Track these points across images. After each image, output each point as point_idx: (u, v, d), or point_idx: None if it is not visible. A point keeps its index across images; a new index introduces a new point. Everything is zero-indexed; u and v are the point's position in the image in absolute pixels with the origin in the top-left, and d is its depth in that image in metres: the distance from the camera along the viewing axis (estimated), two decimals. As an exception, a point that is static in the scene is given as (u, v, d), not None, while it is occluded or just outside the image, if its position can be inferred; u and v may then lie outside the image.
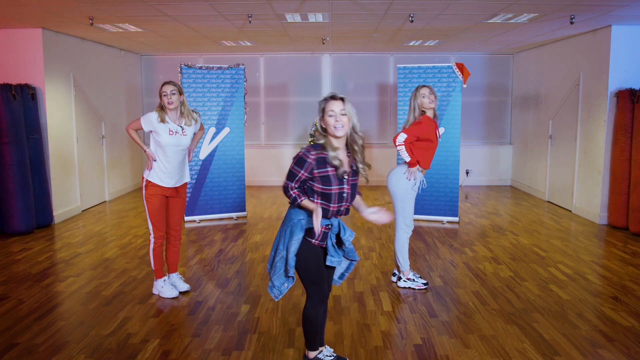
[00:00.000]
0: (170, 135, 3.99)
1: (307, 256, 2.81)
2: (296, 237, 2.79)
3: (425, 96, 4.25)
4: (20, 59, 6.55)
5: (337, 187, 2.76)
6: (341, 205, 2.82)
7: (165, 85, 3.98)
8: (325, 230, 2.84)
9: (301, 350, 3.34)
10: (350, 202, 2.87)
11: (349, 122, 2.77)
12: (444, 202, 6.75)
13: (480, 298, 4.22)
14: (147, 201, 4.08)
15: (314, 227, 2.68)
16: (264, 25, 6.55)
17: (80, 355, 3.26)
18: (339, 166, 2.73)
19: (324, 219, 2.81)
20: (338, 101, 2.76)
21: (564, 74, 7.72)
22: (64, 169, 7.05)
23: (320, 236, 2.82)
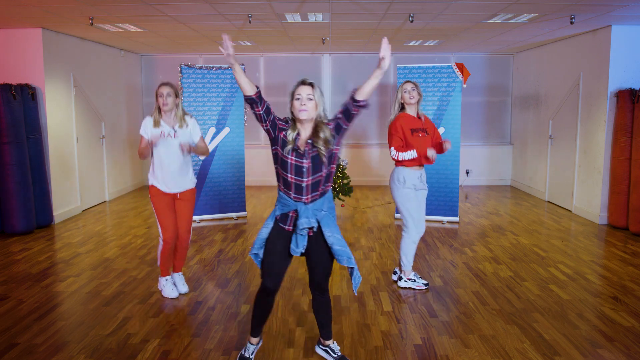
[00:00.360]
0: (161, 137, 3.98)
1: (270, 237, 2.94)
2: (266, 223, 2.97)
3: (407, 91, 4.26)
4: (20, 59, 6.55)
5: (294, 158, 2.80)
6: (301, 181, 2.81)
7: (161, 87, 3.98)
8: (293, 215, 2.87)
9: (301, 350, 3.34)
10: (312, 177, 2.81)
11: (315, 107, 2.81)
12: (444, 202, 6.75)
13: (480, 298, 4.22)
14: (152, 202, 4.11)
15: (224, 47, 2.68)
16: (264, 25, 6.55)
17: (80, 355, 3.26)
18: (287, 143, 2.81)
19: (289, 201, 2.84)
20: (307, 86, 2.82)
21: (564, 74, 7.72)
22: (64, 169, 7.05)
23: (291, 222, 2.88)
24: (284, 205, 2.89)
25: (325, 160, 2.82)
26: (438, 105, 6.68)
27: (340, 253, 2.87)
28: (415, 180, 4.28)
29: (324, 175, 2.85)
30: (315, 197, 2.86)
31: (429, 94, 6.71)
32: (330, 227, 2.89)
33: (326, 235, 2.87)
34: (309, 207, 2.83)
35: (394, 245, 5.80)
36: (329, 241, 2.87)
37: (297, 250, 2.86)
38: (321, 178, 2.85)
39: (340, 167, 6.88)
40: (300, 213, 2.82)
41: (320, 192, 2.87)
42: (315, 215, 2.85)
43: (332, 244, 2.87)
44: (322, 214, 2.88)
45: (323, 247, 2.91)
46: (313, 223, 2.83)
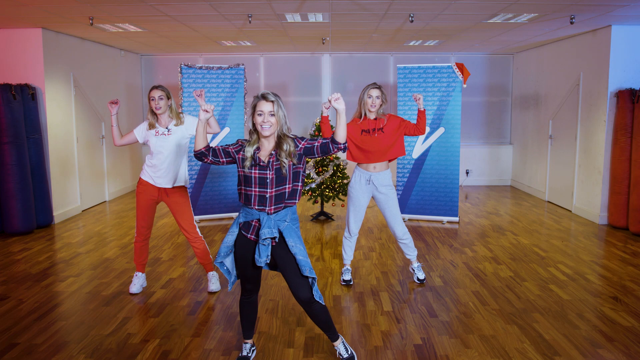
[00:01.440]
0: (156, 136, 4.10)
1: (237, 247, 2.97)
2: (230, 230, 2.98)
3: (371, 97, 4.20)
4: (20, 59, 6.55)
5: (257, 171, 2.82)
6: (264, 192, 2.82)
7: (152, 90, 4.07)
8: (256, 225, 2.88)
9: (301, 350, 3.34)
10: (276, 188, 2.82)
11: (277, 123, 2.84)
12: (444, 202, 6.75)
13: (480, 298, 4.22)
14: (136, 198, 4.22)
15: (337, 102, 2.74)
16: (264, 25, 6.55)
17: (80, 355, 3.26)
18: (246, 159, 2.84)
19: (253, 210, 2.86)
20: (269, 102, 2.81)
21: (564, 74, 7.72)
22: (64, 169, 7.05)
23: (253, 231, 2.90)
24: (247, 213, 2.90)
25: (286, 172, 2.83)
26: (438, 105, 6.68)
27: (302, 264, 2.87)
28: (362, 181, 4.32)
29: (287, 189, 2.86)
30: (278, 209, 2.87)
31: (429, 94, 6.71)
32: (293, 237, 2.89)
33: (290, 245, 2.87)
34: (272, 218, 2.85)
35: (394, 245, 5.80)
36: (293, 251, 2.87)
37: (260, 260, 2.85)
38: (284, 191, 2.85)
39: (340, 167, 6.88)
40: (263, 223, 2.83)
41: (283, 205, 2.88)
42: (278, 225, 2.87)
43: (295, 254, 2.87)
44: (284, 225, 2.89)
45: (289, 258, 2.89)
46: (275, 233, 2.84)
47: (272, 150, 2.86)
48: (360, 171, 4.33)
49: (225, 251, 2.97)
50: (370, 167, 4.30)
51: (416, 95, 4.32)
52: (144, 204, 4.18)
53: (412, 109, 6.78)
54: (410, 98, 6.77)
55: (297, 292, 2.90)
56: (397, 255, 5.41)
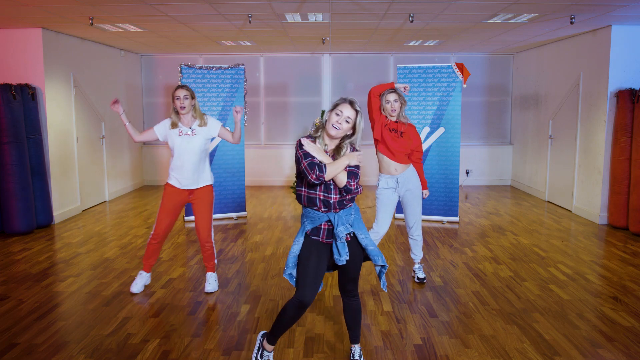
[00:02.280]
0: (180, 136, 4.08)
1: (302, 251, 2.88)
2: (296, 239, 2.91)
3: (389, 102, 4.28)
4: (20, 59, 6.55)
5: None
6: (329, 197, 2.81)
7: (178, 90, 4.07)
8: (326, 227, 2.86)
9: (301, 350, 3.34)
10: (339, 193, 2.82)
11: (347, 131, 2.82)
12: (444, 202, 6.75)
13: (480, 298, 4.22)
14: (162, 198, 4.21)
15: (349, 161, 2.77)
16: (264, 25, 6.55)
17: (80, 355, 3.26)
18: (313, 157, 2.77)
19: (319, 213, 2.83)
20: (353, 110, 2.80)
21: (564, 74, 7.72)
22: (64, 169, 7.05)
23: (324, 234, 2.86)
24: (313, 219, 2.86)
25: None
26: (438, 105, 6.68)
27: (375, 253, 2.91)
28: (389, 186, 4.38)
29: (347, 197, 2.85)
30: (342, 207, 2.86)
31: (429, 94, 6.71)
32: (362, 229, 2.92)
33: (359, 237, 2.90)
34: (341, 215, 2.84)
35: (394, 245, 5.80)
36: (363, 243, 2.89)
37: (341, 259, 2.83)
38: (345, 198, 2.85)
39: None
40: (335, 222, 2.82)
41: (345, 204, 2.87)
42: (347, 220, 2.87)
43: (367, 245, 2.90)
44: (352, 218, 2.89)
45: (355, 250, 2.91)
46: (350, 228, 2.86)
47: (331, 155, 2.84)
48: (385, 177, 4.37)
49: (293, 262, 2.91)
50: (392, 169, 4.33)
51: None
52: (168, 206, 4.15)
53: (412, 109, 6.78)
54: (411, 98, 6.78)
55: (350, 284, 2.95)
56: (397, 255, 5.41)
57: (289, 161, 9.85)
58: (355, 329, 3.08)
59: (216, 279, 4.43)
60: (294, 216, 7.26)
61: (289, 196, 8.70)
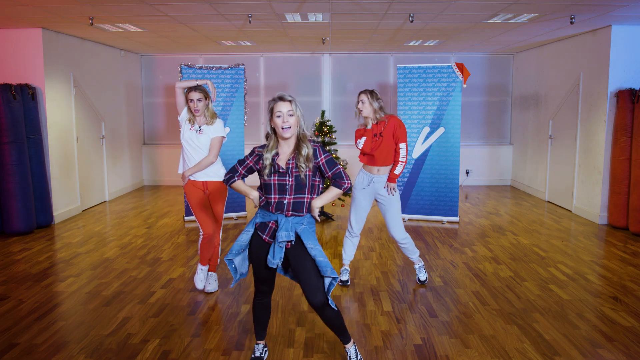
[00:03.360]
0: (190, 130, 4.18)
1: (252, 247, 2.95)
2: (246, 229, 2.97)
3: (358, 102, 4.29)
4: (20, 59, 6.55)
5: (277, 178, 2.82)
6: (283, 197, 2.82)
7: (191, 92, 4.12)
8: (272, 226, 2.88)
9: (301, 350, 3.34)
10: (295, 195, 2.82)
11: (297, 123, 2.82)
12: (444, 202, 6.75)
13: (480, 298, 4.22)
14: (187, 199, 4.29)
15: (252, 198, 2.95)
16: (264, 25, 6.55)
17: (80, 355, 3.26)
18: (265, 167, 2.84)
19: (270, 213, 2.86)
20: (286, 102, 2.80)
21: (564, 74, 7.72)
22: (64, 169, 7.05)
23: (269, 232, 2.89)
24: (264, 214, 2.91)
25: (305, 179, 2.81)
26: (438, 105, 6.68)
27: (324, 264, 2.85)
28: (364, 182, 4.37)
29: (306, 200, 2.86)
30: (295, 214, 2.86)
31: (429, 94, 6.71)
32: (311, 239, 2.88)
33: (308, 247, 2.86)
34: (290, 220, 2.84)
35: (394, 245, 5.80)
36: (312, 253, 2.85)
37: (273, 261, 2.83)
38: (303, 200, 2.85)
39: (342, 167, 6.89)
40: (280, 225, 2.82)
41: (300, 212, 2.86)
42: (295, 228, 2.86)
43: (315, 256, 2.85)
44: (302, 228, 2.88)
45: (307, 261, 2.87)
46: (292, 237, 2.83)
47: (290, 155, 2.85)
48: (363, 173, 4.37)
49: (237, 249, 2.95)
50: (374, 169, 4.32)
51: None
52: (194, 201, 4.23)
53: (412, 109, 6.78)
54: (411, 98, 6.78)
55: (311, 296, 2.85)
56: (397, 255, 5.41)
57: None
58: (341, 334, 3.04)
59: (216, 279, 4.44)
60: (294, 216, 7.25)
61: (289, 196, 8.70)
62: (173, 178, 9.82)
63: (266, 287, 3.03)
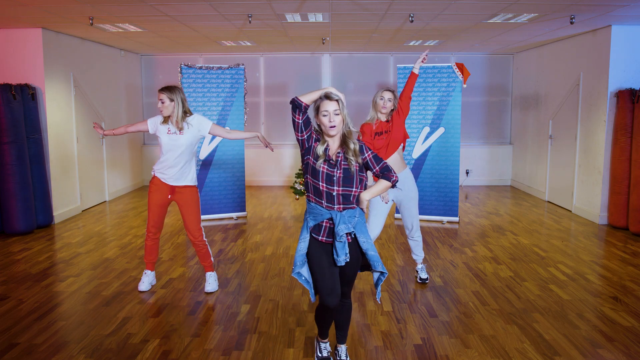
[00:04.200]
0: (168, 134, 4.09)
1: (310, 253, 2.89)
2: (302, 237, 2.92)
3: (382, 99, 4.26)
4: (20, 59, 6.55)
5: (326, 167, 2.81)
6: (332, 189, 2.80)
7: (158, 92, 4.09)
8: (327, 225, 2.85)
9: (301, 350, 3.34)
10: (342, 187, 2.80)
11: (342, 122, 2.82)
12: (444, 202, 6.75)
13: (480, 298, 4.22)
14: (148, 195, 4.25)
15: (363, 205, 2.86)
16: (264, 25, 6.55)
17: (80, 355, 3.26)
18: (318, 156, 2.81)
19: (322, 210, 2.82)
20: (333, 102, 2.80)
21: (564, 74, 7.72)
22: (64, 169, 7.05)
23: (324, 232, 2.85)
24: (316, 215, 2.85)
25: (354, 171, 2.81)
26: (438, 105, 6.68)
27: (375, 259, 2.89)
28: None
29: (354, 192, 2.84)
30: (346, 207, 2.84)
31: (429, 94, 6.71)
32: (364, 233, 2.90)
33: (361, 241, 2.88)
34: (344, 214, 2.82)
35: (394, 245, 5.80)
36: (364, 247, 2.88)
37: (339, 259, 2.80)
38: (351, 193, 2.83)
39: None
40: (337, 220, 2.80)
41: (350, 204, 2.85)
42: (350, 221, 2.84)
43: (367, 250, 2.88)
44: (355, 220, 2.87)
45: (354, 254, 2.90)
46: (351, 228, 2.83)
47: (337, 149, 2.86)
48: None
49: (301, 260, 2.89)
50: None
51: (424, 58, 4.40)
52: (155, 202, 4.21)
53: (412, 109, 6.77)
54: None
55: (346, 287, 2.94)
56: (397, 255, 5.41)
57: (289, 161, 9.85)
58: (344, 330, 3.10)
59: (216, 279, 4.44)
60: (293, 216, 7.26)
61: (288, 196, 8.70)
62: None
63: (336, 299, 2.86)
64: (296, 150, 9.73)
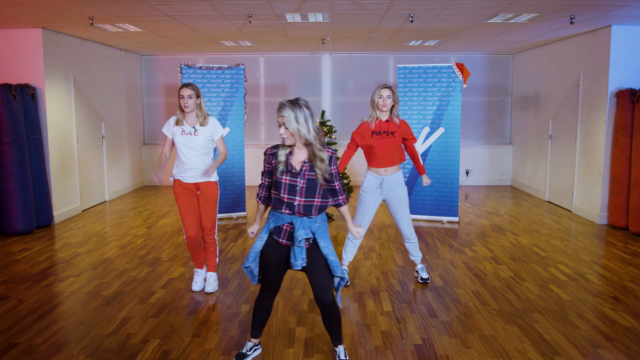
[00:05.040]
0: (182, 135, 4.11)
1: (265, 250, 2.97)
2: (260, 236, 3.01)
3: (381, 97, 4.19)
4: (20, 59, 6.55)
5: (288, 177, 2.83)
6: (293, 199, 2.83)
7: (182, 89, 4.08)
8: (287, 229, 2.89)
9: (301, 350, 3.34)
10: (305, 198, 2.83)
11: (292, 136, 2.80)
12: (444, 202, 6.75)
13: (480, 298, 4.22)
14: (176, 201, 4.25)
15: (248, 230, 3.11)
16: (264, 25, 6.55)
17: (80, 355, 3.26)
18: (279, 164, 2.85)
19: (284, 215, 2.88)
20: (280, 116, 2.80)
21: (564, 74, 7.72)
22: (64, 169, 7.05)
23: (285, 235, 2.91)
24: (277, 218, 2.92)
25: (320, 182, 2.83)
26: (438, 105, 6.68)
27: (335, 264, 2.92)
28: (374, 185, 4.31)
29: (317, 203, 2.87)
30: (307, 215, 2.88)
31: (429, 94, 6.71)
32: (324, 238, 2.93)
33: (321, 246, 2.91)
34: (305, 220, 2.87)
35: (394, 245, 5.80)
36: (324, 252, 2.91)
37: (296, 263, 2.87)
38: (313, 204, 2.86)
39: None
40: (296, 225, 2.85)
41: (310, 214, 2.88)
42: (310, 227, 2.89)
43: (327, 255, 2.91)
44: (316, 226, 2.91)
45: (319, 259, 2.92)
46: (309, 234, 2.88)
47: (305, 159, 2.86)
48: (372, 175, 4.32)
49: (254, 256, 2.99)
50: (381, 170, 4.29)
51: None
52: (184, 204, 4.17)
53: (412, 109, 6.78)
54: (411, 98, 6.78)
55: (321, 293, 2.93)
56: (397, 255, 5.41)
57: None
58: (336, 333, 3.09)
59: (216, 279, 4.44)
60: (294, 216, 7.25)
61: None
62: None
63: (272, 289, 3.08)
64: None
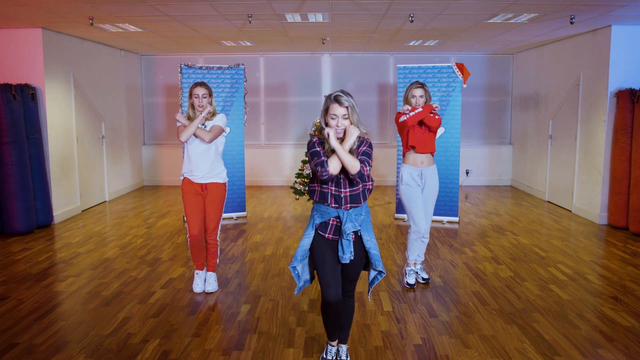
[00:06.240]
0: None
1: (314, 249, 2.91)
2: (306, 233, 2.93)
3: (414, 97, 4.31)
4: (20, 59, 6.55)
5: None
6: (340, 191, 2.82)
7: (196, 87, 4.10)
8: (334, 223, 2.86)
9: (301, 350, 3.34)
10: (350, 189, 2.83)
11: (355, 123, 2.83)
12: (444, 202, 6.74)
13: (480, 298, 4.22)
14: (182, 198, 4.26)
15: (329, 138, 2.75)
16: (264, 25, 6.55)
17: (80, 355, 3.26)
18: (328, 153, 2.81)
19: (330, 208, 2.83)
20: (343, 107, 2.78)
21: (564, 74, 7.72)
22: (64, 169, 7.05)
23: (331, 230, 2.87)
24: (323, 213, 2.88)
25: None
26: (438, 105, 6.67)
27: (376, 257, 2.93)
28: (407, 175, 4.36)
29: (359, 190, 2.86)
30: (354, 206, 2.86)
31: (429, 94, 6.71)
32: (369, 232, 2.93)
33: (365, 240, 2.90)
34: (351, 213, 2.84)
35: (394, 245, 5.80)
36: (367, 245, 2.90)
37: (344, 257, 2.83)
38: (359, 192, 2.85)
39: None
40: (344, 219, 2.82)
41: (357, 203, 2.87)
42: (357, 219, 2.87)
43: (370, 249, 2.91)
44: (361, 219, 2.89)
45: (358, 252, 2.91)
46: (358, 227, 2.85)
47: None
48: (409, 169, 4.36)
49: (302, 255, 2.92)
50: (418, 162, 4.34)
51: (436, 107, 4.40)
52: (189, 204, 4.19)
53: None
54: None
55: (349, 285, 2.97)
56: (397, 255, 5.41)
57: (289, 161, 9.85)
58: (347, 329, 3.10)
59: (216, 279, 4.44)
60: (294, 216, 7.26)
61: (288, 196, 8.70)
62: (173, 178, 9.82)
63: (337, 292, 2.89)
64: (296, 150, 9.73)
